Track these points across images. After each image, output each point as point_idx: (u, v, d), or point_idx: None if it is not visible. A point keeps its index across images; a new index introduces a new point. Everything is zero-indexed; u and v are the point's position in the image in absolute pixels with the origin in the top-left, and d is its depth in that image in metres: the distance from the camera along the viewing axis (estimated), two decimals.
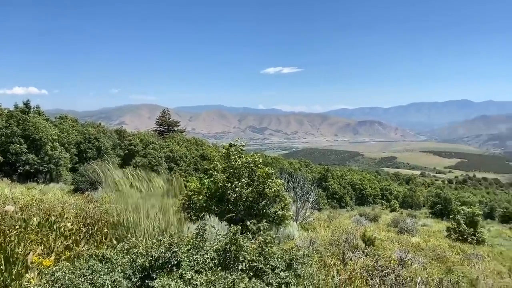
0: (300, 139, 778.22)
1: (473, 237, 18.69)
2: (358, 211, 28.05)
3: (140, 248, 3.22)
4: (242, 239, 3.13)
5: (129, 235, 4.68)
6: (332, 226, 15.94)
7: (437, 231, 22.63)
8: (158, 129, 55.42)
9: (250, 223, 7.26)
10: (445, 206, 39.28)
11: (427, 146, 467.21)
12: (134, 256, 3.11)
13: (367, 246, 8.75)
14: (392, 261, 6.46)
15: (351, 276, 4.98)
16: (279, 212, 10.91)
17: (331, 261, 6.37)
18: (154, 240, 3.32)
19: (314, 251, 6.82)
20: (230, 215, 9.62)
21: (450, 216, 25.41)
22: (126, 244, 3.51)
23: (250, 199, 10.47)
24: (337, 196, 36.29)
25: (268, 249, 3.13)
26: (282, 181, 16.54)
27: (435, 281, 4.89)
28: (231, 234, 3.14)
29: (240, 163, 10.88)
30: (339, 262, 6.32)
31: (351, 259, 6.32)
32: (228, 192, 10.49)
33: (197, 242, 3.19)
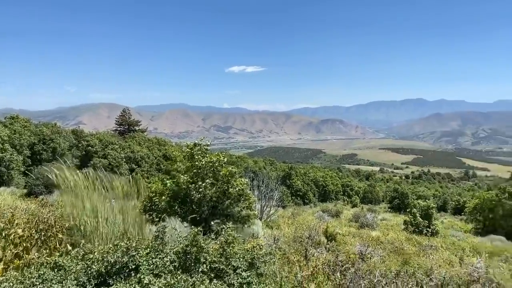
0: (264, 137, 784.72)
1: (428, 229, 19.70)
2: (321, 208, 28.67)
3: (96, 253, 3.07)
4: (203, 240, 3.07)
5: (84, 240, 4.48)
6: (296, 223, 16.18)
7: (395, 224, 23.59)
8: (118, 129, 53.63)
9: (214, 223, 7.21)
10: (403, 201, 41.08)
11: (385, 143, 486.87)
12: (89, 263, 2.96)
13: (329, 242, 8.97)
14: (352, 256, 6.65)
15: (313, 272, 5.06)
16: (244, 212, 10.90)
17: (294, 257, 6.45)
18: (111, 245, 3.17)
19: (278, 249, 6.87)
20: (193, 215, 9.48)
21: (407, 210, 26.60)
22: (81, 250, 3.33)
23: (214, 199, 10.39)
24: (300, 193, 36.86)
25: (230, 250, 3.09)
26: (247, 180, 16.57)
27: (392, 273, 5.09)
28: (192, 235, 3.07)
29: (204, 163, 10.74)
30: (302, 259, 6.41)
31: (313, 255, 6.44)
32: (192, 193, 10.34)
33: (156, 245, 3.09)
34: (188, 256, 2.95)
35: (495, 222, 24.70)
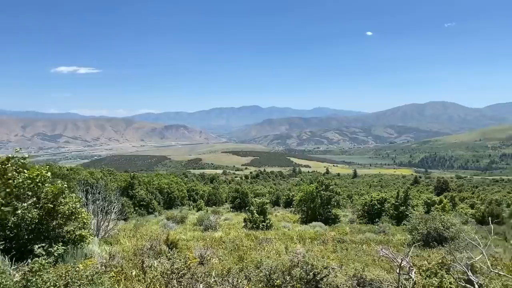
0: (102, 145, 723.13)
1: (263, 223, 21.76)
2: (166, 215, 28.17)
3: None
4: (1, 273, 2.56)
5: None
6: (138, 235, 15.46)
7: (236, 223, 25.10)
8: None
9: (38, 247, 6.22)
10: (243, 199, 44.24)
11: (227, 147, 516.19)
12: None
13: (170, 250, 8.92)
14: (193, 260, 6.77)
15: (150, 284, 4.95)
16: (77, 232, 9.83)
17: (132, 272, 6.15)
18: None
19: (113, 266, 6.43)
20: (6, 243, 7.98)
21: (246, 208, 28.77)
22: None
23: (36, 220, 8.97)
24: (144, 203, 35.38)
25: (36, 279, 2.65)
26: (81, 194, 14.92)
27: (225, 271, 5.43)
28: None
29: (21, 180, 9.16)
30: (140, 272, 6.17)
31: (150, 267, 6.29)
32: (6, 217, 8.68)
33: None
34: None
35: (315, 210, 29.16)
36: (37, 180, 9.30)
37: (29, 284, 2.49)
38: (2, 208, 8.59)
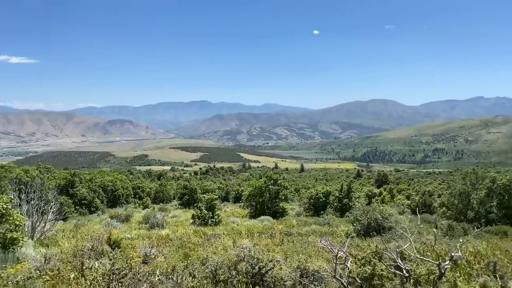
0: (39, 141, 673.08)
1: (212, 219, 21.71)
2: (109, 214, 27.00)
3: None
4: None
5: None
6: (79, 235, 14.69)
7: (184, 220, 24.77)
8: None
9: None
10: (192, 196, 43.71)
11: (175, 143, 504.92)
12: None
13: (112, 250, 8.60)
14: (133, 260, 6.60)
15: (90, 286, 4.75)
16: (8, 235, 9.16)
17: (70, 275, 5.85)
18: None
19: (49, 269, 6.07)
20: None
21: (195, 204, 28.48)
22: None
23: None
24: (86, 202, 33.59)
25: None
26: (13, 194, 13.84)
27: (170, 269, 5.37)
28: None
29: None
30: (80, 275, 5.89)
31: (91, 268, 6.03)
32: None
33: None
34: None
35: (264, 205, 29.63)
36: None
37: None
38: None
